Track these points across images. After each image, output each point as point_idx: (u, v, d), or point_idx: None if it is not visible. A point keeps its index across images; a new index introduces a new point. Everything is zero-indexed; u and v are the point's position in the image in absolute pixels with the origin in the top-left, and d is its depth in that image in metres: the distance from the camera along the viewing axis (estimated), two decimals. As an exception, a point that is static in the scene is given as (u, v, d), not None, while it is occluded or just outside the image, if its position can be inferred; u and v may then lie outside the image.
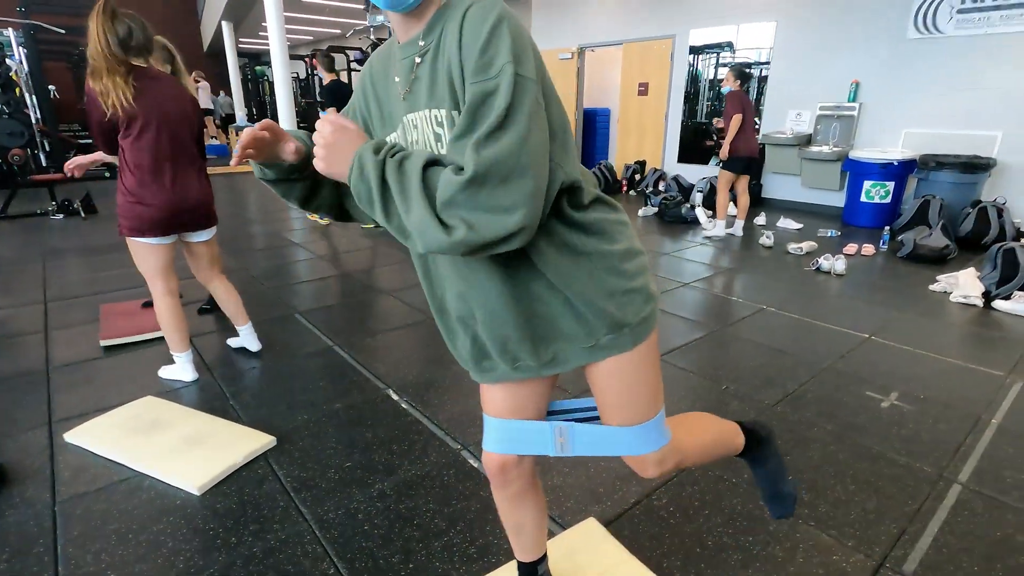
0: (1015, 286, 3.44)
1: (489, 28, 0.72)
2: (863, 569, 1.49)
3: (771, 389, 2.45)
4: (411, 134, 0.86)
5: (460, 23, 0.75)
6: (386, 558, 1.52)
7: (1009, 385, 2.49)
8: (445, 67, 0.78)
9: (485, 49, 0.72)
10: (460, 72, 0.75)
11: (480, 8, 0.74)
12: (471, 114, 0.72)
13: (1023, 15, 4.77)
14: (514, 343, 0.93)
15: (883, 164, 5.42)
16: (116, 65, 2.04)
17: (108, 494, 1.78)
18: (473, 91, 0.72)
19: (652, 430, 0.99)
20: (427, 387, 2.46)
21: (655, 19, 7.48)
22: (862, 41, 5.75)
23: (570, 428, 1.02)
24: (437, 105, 0.80)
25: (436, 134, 0.81)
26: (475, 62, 0.72)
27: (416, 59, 0.82)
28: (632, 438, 0.98)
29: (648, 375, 0.97)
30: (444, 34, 0.78)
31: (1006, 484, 1.83)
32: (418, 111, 0.83)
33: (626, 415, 0.97)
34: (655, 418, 0.99)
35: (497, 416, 1.06)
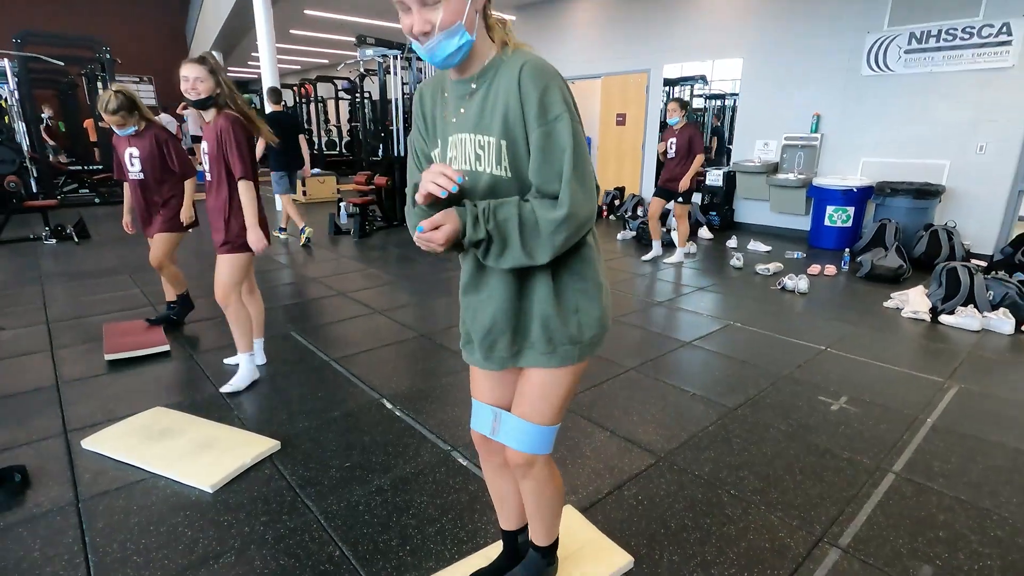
0: (958, 302, 3.76)
1: (544, 83, 0.98)
2: (804, 543, 1.71)
3: (734, 395, 2.68)
4: (452, 150, 1.11)
5: (518, 76, 0.99)
6: (386, 542, 1.71)
7: (946, 389, 2.76)
8: (499, 106, 1.01)
9: (542, 100, 0.98)
10: (519, 115, 1.00)
11: (533, 67, 0.99)
12: (541, 151, 0.99)
13: (962, 56, 5.23)
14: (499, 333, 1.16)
15: (844, 191, 5.81)
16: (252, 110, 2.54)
17: (127, 493, 1.94)
18: (539, 133, 0.98)
19: (544, 435, 1.23)
20: (418, 397, 2.65)
21: (631, 54, 7.93)
22: (821, 77, 6.19)
23: (502, 415, 1.26)
24: (483, 132, 1.04)
25: (476, 154, 1.06)
26: (536, 109, 0.98)
27: (468, 96, 1.07)
28: (527, 436, 1.22)
29: (561, 395, 1.20)
30: (497, 79, 1.03)
31: (933, 472, 2.07)
32: (463, 133, 1.08)
33: (531, 413, 1.21)
34: (548, 428, 1.22)
35: (476, 398, 1.32)
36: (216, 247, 2.59)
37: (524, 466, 1.27)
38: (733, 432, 2.35)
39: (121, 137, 3.13)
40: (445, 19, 0.96)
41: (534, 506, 1.36)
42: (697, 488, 1.98)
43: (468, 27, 0.99)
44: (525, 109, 0.99)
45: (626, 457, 2.17)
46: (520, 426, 1.22)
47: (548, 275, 1.11)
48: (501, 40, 1.06)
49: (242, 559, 1.63)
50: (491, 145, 1.04)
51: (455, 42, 0.98)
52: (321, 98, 15.48)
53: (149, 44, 18.27)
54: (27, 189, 7.83)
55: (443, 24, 0.96)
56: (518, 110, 1.00)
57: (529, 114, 0.99)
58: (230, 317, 2.66)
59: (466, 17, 0.98)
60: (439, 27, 0.96)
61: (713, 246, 6.25)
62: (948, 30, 5.27)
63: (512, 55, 1.03)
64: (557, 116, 0.98)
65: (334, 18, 10.49)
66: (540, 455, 1.25)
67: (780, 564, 1.63)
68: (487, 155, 1.05)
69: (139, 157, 3.13)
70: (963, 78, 5.29)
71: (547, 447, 1.25)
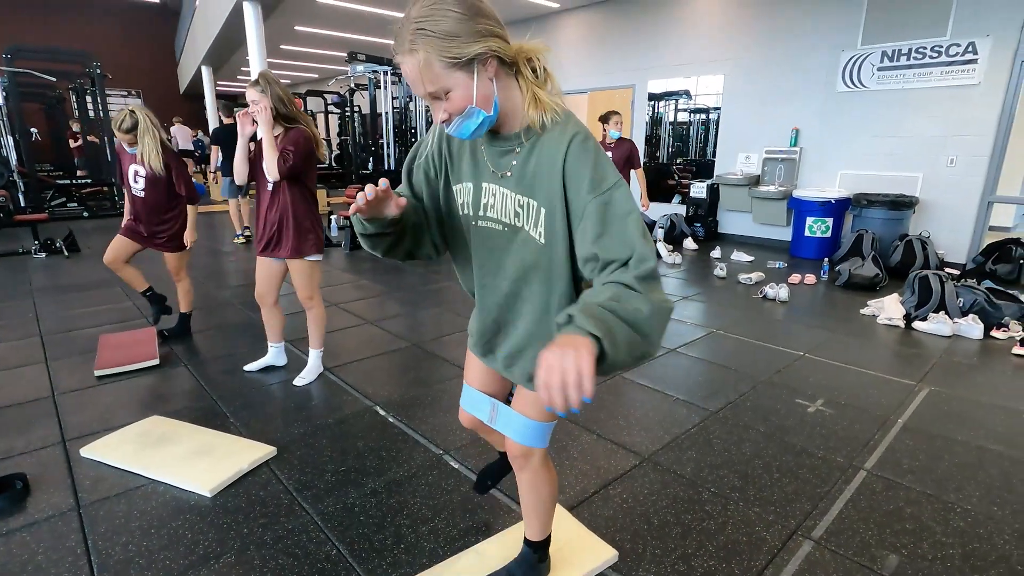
0: (930, 308, 3.91)
1: (593, 157, 1.01)
2: (779, 536, 1.81)
3: (716, 399, 2.79)
4: (486, 197, 1.15)
5: (564, 153, 1.01)
6: (381, 541, 1.77)
7: (917, 392, 2.88)
8: (542, 176, 1.05)
9: (595, 173, 1.00)
10: (561, 189, 1.03)
11: (581, 144, 1.02)
12: (601, 221, 0.98)
13: (931, 73, 5.46)
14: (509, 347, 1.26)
15: (822, 202, 5.99)
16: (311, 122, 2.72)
17: (127, 498, 1.99)
18: (597, 203, 0.99)
19: (542, 431, 1.32)
20: (410, 404, 2.73)
21: (616, 70, 8.13)
22: (799, 93, 6.41)
23: (500, 407, 1.36)
24: (526, 194, 1.08)
25: (516, 212, 1.11)
26: (588, 183, 0.99)
27: (512, 159, 1.09)
28: (526, 429, 1.31)
29: None
30: (542, 147, 1.05)
31: (902, 469, 2.18)
32: (504, 188, 1.12)
33: (532, 412, 1.30)
34: (545, 424, 1.31)
35: (468, 383, 1.43)
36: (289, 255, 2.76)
37: (522, 457, 1.35)
38: (714, 434, 2.45)
39: (125, 153, 3.22)
40: (456, 106, 1.00)
41: (530, 499, 1.44)
42: (679, 487, 2.07)
43: (483, 105, 1.00)
44: (572, 184, 1.01)
45: (612, 458, 2.25)
46: (519, 420, 1.31)
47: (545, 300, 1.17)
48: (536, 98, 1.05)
49: (243, 559, 1.69)
50: (533, 208, 1.08)
51: (474, 121, 1.02)
52: (311, 112, 15.57)
53: (139, 58, 18.33)
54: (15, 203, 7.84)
55: (456, 110, 1.00)
56: (559, 185, 1.03)
57: (580, 189, 1.00)
58: (314, 316, 2.94)
59: (476, 97, 0.99)
60: (454, 113, 1.01)
61: (698, 256, 6.40)
62: (918, 48, 5.50)
63: (558, 124, 1.05)
64: (614, 184, 1.00)
65: (325, 34, 10.63)
66: (538, 448, 1.34)
67: (756, 556, 1.72)
68: (526, 215, 1.10)
69: (144, 177, 3.20)
70: (933, 94, 5.52)
71: (544, 441, 1.34)
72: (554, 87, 1.07)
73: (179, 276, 3.53)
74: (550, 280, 1.14)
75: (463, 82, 0.98)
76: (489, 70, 0.99)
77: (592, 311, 0.86)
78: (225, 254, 6.48)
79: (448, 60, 0.95)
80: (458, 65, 0.96)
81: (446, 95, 0.99)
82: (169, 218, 3.34)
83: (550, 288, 1.15)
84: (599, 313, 0.87)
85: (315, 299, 2.90)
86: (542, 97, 1.05)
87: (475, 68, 0.97)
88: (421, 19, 0.94)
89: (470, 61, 0.96)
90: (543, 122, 1.05)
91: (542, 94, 1.05)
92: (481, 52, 0.96)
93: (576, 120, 1.07)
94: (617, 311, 0.88)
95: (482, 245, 1.22)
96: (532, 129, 1.06)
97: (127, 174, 3.25)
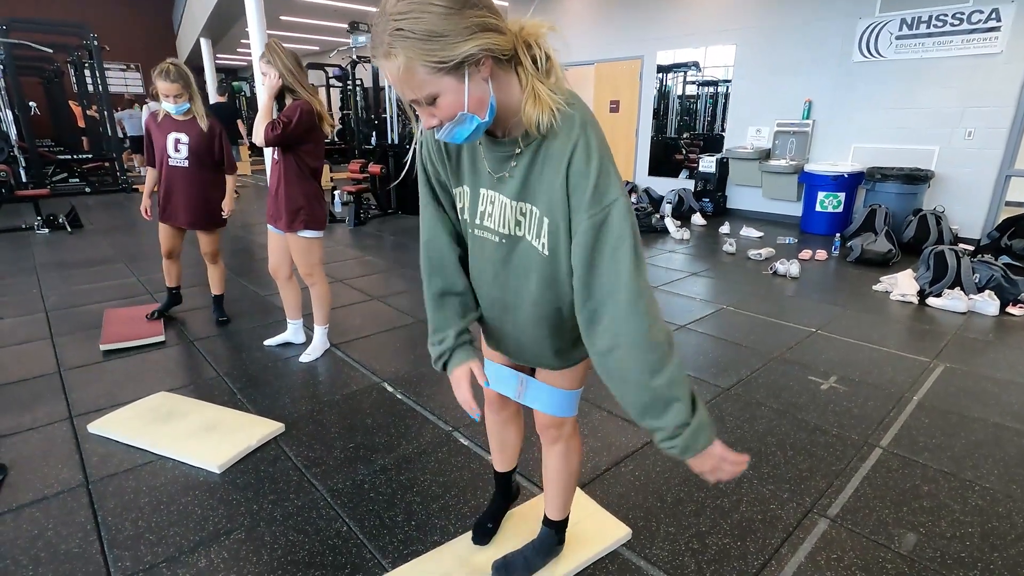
0: (945, 284, 3.84)
1: (599, 165, 0.91)
2: (794, 514, 1.78)
3: (727, 376, 2.75)
4: (486, 205, 1.06)
5: (570, 154, 0.91)
6: (391, 518, 1.76)
7: (932, 368, 2.84)
8: (544, 183, 0.96)
9: (597, 183, 0.91)
10: (564, 198, 0.94)
11: (587, 146, 0.91)
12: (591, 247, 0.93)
13: (951, 42, 5.28)
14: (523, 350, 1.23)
15: (835, 176, 5.87)
16: (317, 95, 2.62)
17: (136, 474, 1.98)
18: (590, 223, 0.92)
19: (571, 399, 1.30)
20: (418, 380, 2.70)
21: (624, 40, 7.92)
22: (813, 63, 6.22)
23: (528, 381, 1.31)
24: (527, 201, 1.00)
25: (517, 220, 1.03)
26: (590, 194, 0.91)
27: (512, 163, 0.99)
28: (558, 399, 1.28)
29: (585, 366, 1.26)
30: (545, 151, 0.95)
31: (918, 447, 2.15)
32: (503, 195, 1.03)
33: (560, 381, 1.27)
34: (575, 392, 1.29)
35: (490, 359, 1.38)
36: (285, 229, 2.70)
37: (555, 428, 1.33)
38: (727, 411, 2.42)
39: (162, 122, 2.99)
40: (446, 113, 0.88)
41: (559, 472, 1.41)
42: (692, 464, 2.04)
43: (476, 110, 0.88)
44: (575, 196, 0.93)
45: (623, 435, 2.23)
46: (549, 391, 1.27)
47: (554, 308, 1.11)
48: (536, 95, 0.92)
49: (252, 535, 1.68)
50: (535, 216, 1.00)
51: (468, 127, 0.90)
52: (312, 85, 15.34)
53: (136, 32, 18.00)
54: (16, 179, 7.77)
55: (447, 117, 0.88)
56: (563, 195, 0.94)
57: (581, 202, 0.92)
58: (315, 293, 2.89)
59: (468, 102, 0.86)
60: (444, 120, 0.89)
61: (706, 232, 6.31)
62: (938, 16, 5.32)
63: (564, 124, 0.93)
64: (613, 201, 0.91)
65: (325, 4, 10.38)
66: (570, 416, 1.32)
67: (771, 534, 1.70)
68: (528, 223, 1.02)
69: (187, 145, 3.01)
70: (952, 64, 5.35)
71: (575, 408, 1.32)
72: (558, 77, 0.94)
73: (216, 258, 3.38)
74: (557, 293, 1.07)
75: (452, 87, 0.84)
76: (483, 71, 0.86)
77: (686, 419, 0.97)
78: (235, 227, 6.42)
79: (433, 65, 0.81)
80: (445, 70, 0.82)
81: (434, 101, 0.87)
82: (213, 193, 3.14)
83: (558, 297, 1.08)
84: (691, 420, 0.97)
85: (315, 276, 2.84)
86: (542, 94, 0.91)
87: (466, 71, 0.84)
88: (399, 16, 0.79)
89: (460, 64, 0.82)
90: (544, 122, 0.92)
91: (543, 90, 0.91)
92: (472, 53, 0.82)
93: (582, 116, 0.94)
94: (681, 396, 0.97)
95: (479, 255, 1.15)
96: (533, 132, 0.95)
97: (165, 146, 3.00)
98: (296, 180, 2.63)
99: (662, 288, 4.22)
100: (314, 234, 2.73)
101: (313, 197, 2.69)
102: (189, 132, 3.01)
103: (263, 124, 2.47)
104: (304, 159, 2.63)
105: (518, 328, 1.18)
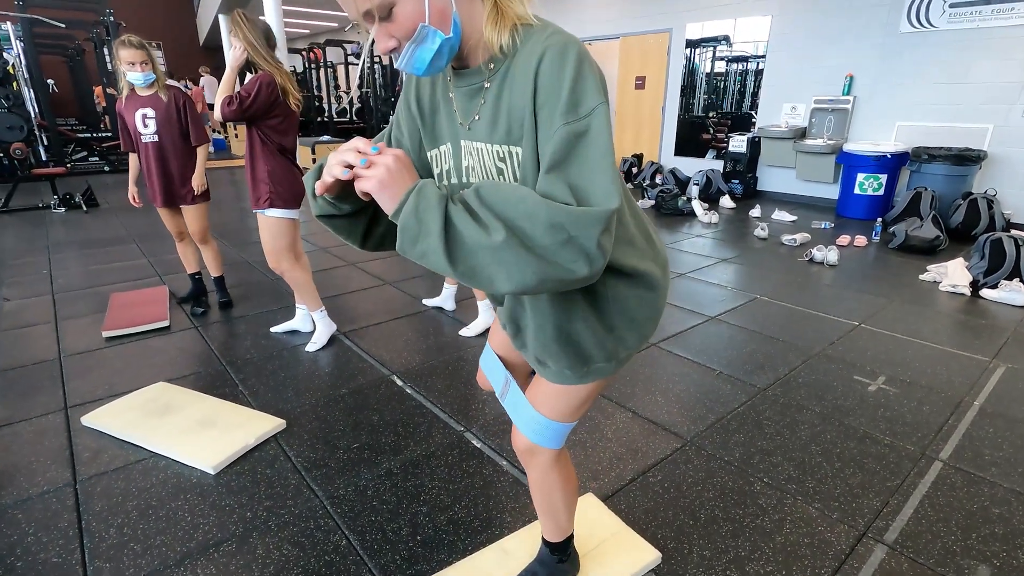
0: (1002, 275, 3.53)
1: (573, 70, 0.74)
2: (846, 538, 1.58)
3: (763, 374, 2.53)
4: (466, 159, 0.90)
5: (536, 68, 0.76)
6: (395, 531, 1.60)
7: (993, 369, 2.57)
8: (516, 110, 0.80)
9: (573, 90, 0.74)
10: (533, 113, 0.77)
11: (557, 52, 0.75)
12: (565, 151, 0.74)
13: (1013, 9, 4.84)
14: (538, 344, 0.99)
15: (876, 157, 5.50)
16: (283, 68, 2.48)
17: (126, 473, 1.85)
18: (566, 131, 0.74)
19: (552, 430, 1.08)
20: (429, 373, 2.54)
21: (652, 13, 7.53)
22: (856, 34, 5.80)
23: (513, 384, 1.13)
24: (502, 142, 0.83)
25: (498, 167, 0.85)
26: (564, 103, 0.74)
27: (481, 99, 0.85)
28: (533, 423, 1.08)
29: (582, 397, 1.05)
30: (512, 74, 0.80)
31: (984, 461, 1.92)
32: (478, 142, 0.87)
33: (544, 404, 1.07)
34: (561, 425, 1.08)
35: (490, 343, 1.25)
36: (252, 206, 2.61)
37: (528, 454, 1.15)
38: (764, 414, 2.21)
39: (130, 100, 2.87)
40: (404, 27, 0.76)
41: (539, 500, 1.25)
42: (727, 475, 1.85)
43: (438, 23, 0.77)
44: (544, 111, 0.76)
45: (650, 440, 2.04)
46: (528, 411, 1.08)
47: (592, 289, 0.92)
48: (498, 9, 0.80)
49: (243, 547, 1.54)
50: (517, 158, 0.83)
51: (430, 47, 0.77)
52: (331, 63, 15.11)
53: (156, 8, 17.93)
54: (36, 157, 7.77)
55: (405, 34, 0.77)
56: (532, 109, 0.78)
57: (552, 115, 0.75)
58: (289, 281, 2.71)
59: (429, 13, 0.76)
60: (402, 38, 0.77)
61: (735, 215, 6.01)
62: (999, -19, 4.87)
63: (528, 38, 0.79)
64: (593, 110, 0.74)
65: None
66: (549, 449, 1.12)
67: (821, 562, 1.50)
68: (509, 168, 0.84)
69: (154, 119, 2.89)
70: (1012, 34, 4.91)
71: (556, 443, 1.11)
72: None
73: (205, 238, 3.19)
74: None
75: None
76: None
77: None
78: (245, 211, 6.32)
79: None
80: None
81: (389, 13, 0.75)
82: (188, 167, 3.01)
83: None
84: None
85: (282, 264, 2.63)
86: (505, 7, 0.79)
87: None
88: None
89: None
90: (506, 41, 0.79)
91: (506, 3, 0.80)
92: None
93: (555, 29, 0.79)
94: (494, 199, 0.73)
95: None
96: (497, 55, 0.81)
97: (134, 125, 2.90)
98: (262, 156, 2.50)
99: (689, 275, 3.98)
100: (282, 213, 2.56)
101: (282, 174, 2.53)
102: (155, 106, 2.88)
103: (221, 98, 2.35)
104: (269, 135, 2.50)
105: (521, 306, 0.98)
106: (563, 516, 1.27)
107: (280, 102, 2.44)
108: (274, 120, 2.47)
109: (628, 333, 0.97)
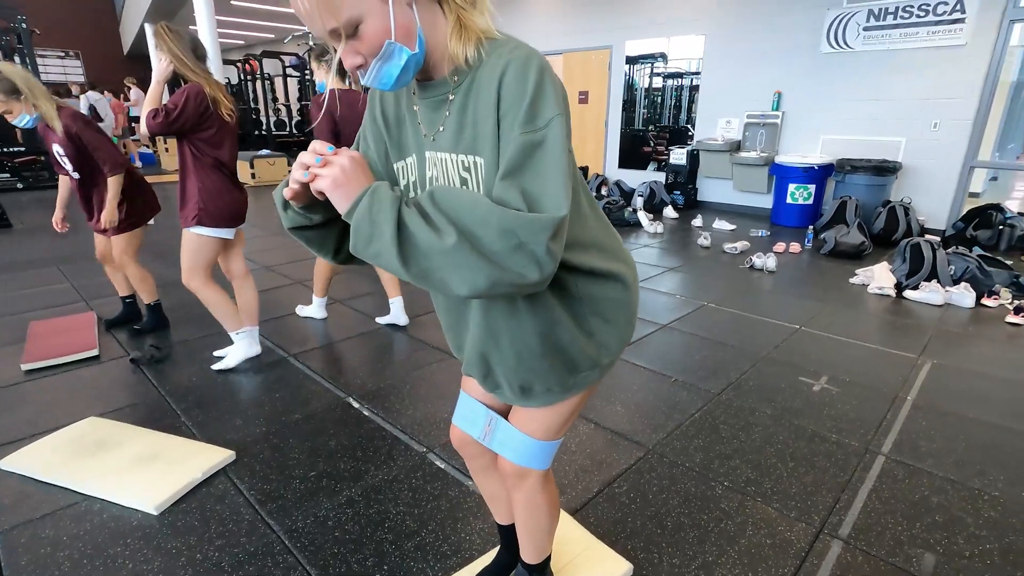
0: (922, 277, 3.81)
1: (534, 83, 0.75)
2: (805, 536, 1.64)
3: (716, 379, 2.61)
4: (431, 169, 0.89)
5: (499, 80, 0.77)
6: (360, 562, 1.54)
7: (920, 365, 2.76)
8: (480, 121, 0.80)
9: (533, 102, 0.75)
10: (496, 123, 0.78)
11: (519, 65, 0.76)
12: (521, 159, 0.75)
13: (918, 33, 5.29)
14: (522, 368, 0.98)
15: (805, 168, 5.85)
16: (212, 78, 2.36)
17: (55, 520, 1.69)
18: (523, 141, 0.75)
19: (542, 450, 1.09)
20: (387, 394, 2.47)
21: (593, 29, 7.75)
22: (782, 55, 6.18)
23: (497, 422, 1.11)
24: (467, 151, 0.83)
25: (462, 178, 0.84)
26: (524, 114, 0.75)
27: (445, 110, 0.85)
28: (525, 448, 1.08)
29: (568, 412, 1.06)
30: (477, 86, 0.81)
31: (921, 453, 2.04)
32: (442, 152, 0.87)
33: (531, 427, 1.06)
34: (551, 443, 1.09)
35: (465, 390, 1.18)
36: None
37: (517, 478, 1.13)
38: (719, 419, 2.27)
39: (45, 129, 2.66)
40: (370, 44, 0.76)
41: (524, 522, 1.22)
42: (690, 481, 1.88)
43: (404, 39, 0.77)
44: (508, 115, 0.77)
45: (614, 451, 2.05)
46: (518, 438, 1.07)
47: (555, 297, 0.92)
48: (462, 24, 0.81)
49: (194, 593, 1.43)
50: (480, 168, 0.82)
51: (396, 63, 0.78)
52: (268, 75, 14.67)
53: (76, 15, 16.87)
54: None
55: (371, 51, 0.77)
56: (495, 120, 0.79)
57: (512, 126, 0.76)
58: (203, 300, 2.57)
59: (395, 29, 0.76)
60: (369, 55, 0.78)
61: (679, 225, 6.22)
62: (905, 7, 5.32)
63: (493, 50, 0.81)
64: (549, 122, 0.75)
65: (279, -12, 9.86)
66: (538, 471, 1.11)
67: (783, 561, 1.54)
68: (474, 178, 0.83)
69: (67, 156, 2.69)
70: (918, 55, 5.36)
71: (546, 462, 1.11)
72: (485, 6, 0.83)
73: (121, 261, 2.93)
74: None
75: (375, 8, 0.75)
76: None
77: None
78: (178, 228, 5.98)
79: None
80: None
81: (355, 31, 0.76)
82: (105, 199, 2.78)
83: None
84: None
85: (194, 282, 2.51)
86: (468, 22, 0.81)
87: None
88: None
89: None
90: (471, 53, 0.81)
91: (469, 18, 0.81)
92: None
93: (519, 43, 0.81)
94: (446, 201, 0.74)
95: None
96: (462, 67, 0.82)
97: (55, 158, 2.73)
98: (194, 172, 2.40)
99: (640, 285, 4.07)
100: (209, 232, 2.46)
101: (215, 191, 2.43)
102: (59, 141, 2.66)
103: (147, 111, 2.24)
104: (203, 148, 2.39)
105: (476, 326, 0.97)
106: (546, 538, 1.25)
107: (211, 113, 2.33)
108: (206, 132, 2.36)
109: (607, 337, 0.99)
